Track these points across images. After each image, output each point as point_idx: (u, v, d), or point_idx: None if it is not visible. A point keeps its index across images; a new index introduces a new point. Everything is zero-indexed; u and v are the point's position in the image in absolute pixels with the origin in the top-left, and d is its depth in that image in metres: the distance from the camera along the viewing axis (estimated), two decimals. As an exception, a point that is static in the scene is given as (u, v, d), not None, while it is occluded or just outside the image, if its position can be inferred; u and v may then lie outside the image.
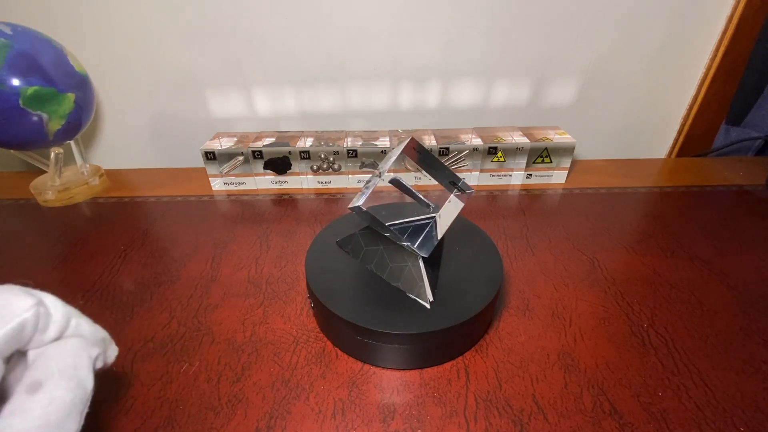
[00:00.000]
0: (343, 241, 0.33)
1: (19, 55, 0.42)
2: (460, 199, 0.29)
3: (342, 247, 0.33)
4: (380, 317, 0.27)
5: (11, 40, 0.42)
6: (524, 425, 0.25)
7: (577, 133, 0.59)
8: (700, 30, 0.57)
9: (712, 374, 0.28)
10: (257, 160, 0.51)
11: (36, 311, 0.18)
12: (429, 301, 0.28)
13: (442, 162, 0.29)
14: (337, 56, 0.57)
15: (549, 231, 0.44)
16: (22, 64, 0.43)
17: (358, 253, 0.32)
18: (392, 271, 0.30)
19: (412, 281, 0.29)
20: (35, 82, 0.43)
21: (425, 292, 0.29)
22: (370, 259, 0.31)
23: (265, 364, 0.29)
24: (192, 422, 0.25)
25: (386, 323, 0.27)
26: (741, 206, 0.48)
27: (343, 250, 0.33)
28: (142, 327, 0.32)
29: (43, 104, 0.44)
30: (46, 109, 0.45)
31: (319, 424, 0.25)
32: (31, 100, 0.43)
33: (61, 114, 0.46)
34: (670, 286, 0.36)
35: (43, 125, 0.45)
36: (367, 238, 0.31)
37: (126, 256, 0.41)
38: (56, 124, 0.46)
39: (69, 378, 0.17)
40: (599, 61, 0.59)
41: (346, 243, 0.33)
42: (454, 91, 0.61)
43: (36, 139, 0.46)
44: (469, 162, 0.52)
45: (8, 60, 0.42)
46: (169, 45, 0.56)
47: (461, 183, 0.29)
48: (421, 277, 0.29)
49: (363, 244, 0.32)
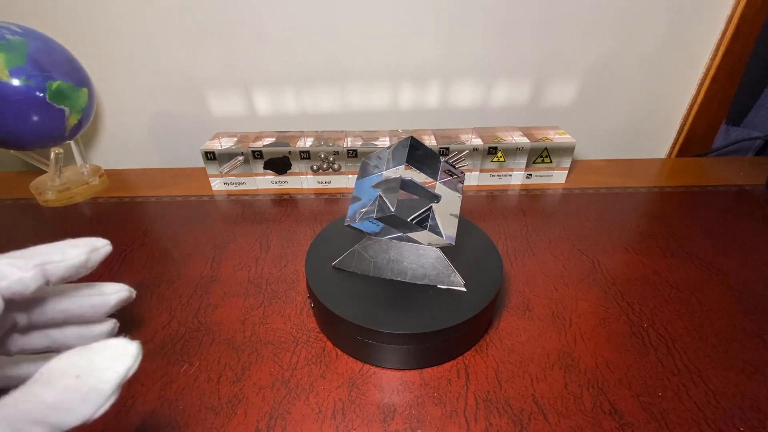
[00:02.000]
0: (342, 261, 0.31)
1: (37, 51, 0.43)
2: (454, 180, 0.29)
3: (343, 268, 0.31)
4: (380, 317, 0.27)
5: (25, 37, 0.43)
6: (524, 425, 0.25)
7: (577, 133, 0.59)
8: (700, 30, 0.57)
9: (712, 374, 0.28)
10: (257, 160, 0.51)
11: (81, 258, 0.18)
12: (462, 284, 0.29)
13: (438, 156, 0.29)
14: (337, 56, 0.57)
15: (549, 231, 0.44)
16: (42, 59, 0.43)
17: (367, 267, 0.31)
18: (415, 272, 0.30)
19: (439, 273, 0.30)
20: (56, 77, 0.44)
21: (457, 277, 0.29)
22: (384, 268, 0.30)
23: (265, 364, 0.29)
24: (192, 422, 0.25)
25: (386, 323, 0.27)
26: (741, 206, 0.48)
27: (347, 271, 0.31)
28: (142, 327, 0.32)
29: (65, 99, 0.45)
30: (67, 104, 0.46)
31: (319, 424, 0.25)
32: (55, 94, 0.44)
33: (78, 109, 0.47)
34: (670, 286, 0.36)
35: (64, 120, 0.46)
36: (372, 250, 0.30)
37: (126, 256, 0.41)
38: (74, 118, 0.47)
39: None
40: (599, 61, 0.59)
41: (347, 262, 0.31)
42: (454, 91, 0.61)
43: (55, 134, 0.46)
44: (469, 162, 0.52)
45: (29, 56, 0.42)
46: (169, 45, 0.56)
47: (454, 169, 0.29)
48: (447, 266, 0.29)
49: (369, 257, 0.31)
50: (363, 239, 0.30)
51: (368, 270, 0.31)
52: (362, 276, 0.31)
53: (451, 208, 0.28)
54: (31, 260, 0.18)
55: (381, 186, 0.27)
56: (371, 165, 0.29)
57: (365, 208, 0.27)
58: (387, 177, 0.27)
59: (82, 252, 0.20)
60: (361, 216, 0.27)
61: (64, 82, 0.45)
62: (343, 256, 0.31)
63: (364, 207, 0.27)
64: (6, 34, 0.41)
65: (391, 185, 0.26)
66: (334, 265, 0.32)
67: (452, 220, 0.28)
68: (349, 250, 0.31)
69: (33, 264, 0.18)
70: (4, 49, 0.41)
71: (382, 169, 0.28)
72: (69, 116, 0.46)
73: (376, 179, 0.28)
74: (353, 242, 0.31)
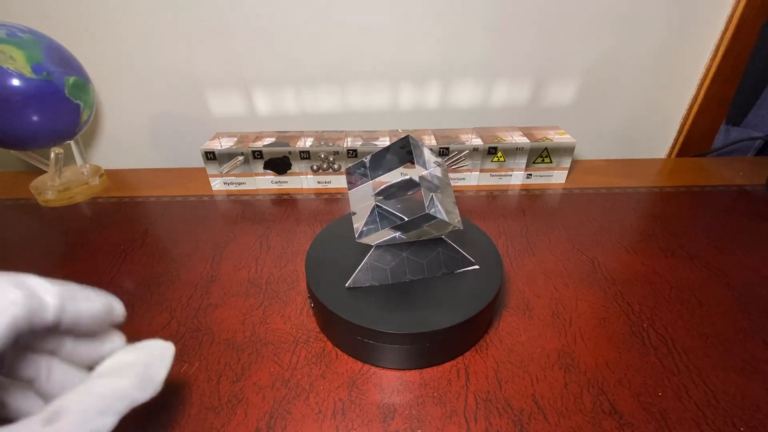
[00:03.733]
0: (356, 278, 0.30)
1: (49, 48, 0.44)
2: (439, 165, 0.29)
3: (359, 285, 0.30)
4: (380, 317, 0.27)
5: (34, 35, 0.43)
6: (524, 425, 0.25)
7: (577, 133, 0.59)
8: (700, 30, 0.57)
9: (712, 374, 0.28)
10: (257, 160, 0.51)
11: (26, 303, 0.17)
12: (474, 264, 0.30)
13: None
14: (337, 56, 0.57)
15: (549, 231, 0.44)
16: (56, 56, 0.44)
17: (384, 276, 0.30)
18: (429, 265, 0.31)
19: (451, 260, 0.31)
20: (71, 72, 0.45)
21: (468, 260, 0.31)
22: (401, 272, 0.30)
23: (265, 364, 0.29)
24: (192, 422, 0.25)
25: (386, 323, 0.27)
26: (741, 206, 0.48)
27: (346, 272, 0.30)
28: (142, 327, 0.32)
29: (80, 93, 0.46)
30: (82, 98, 0.47)
31: (319, 424, 0.25)
32: (73, 89, 0.45)
33: (89, 104, 0.48)
34: (670, 286, 0.36)
35: (79, 114, 0.47)
36: (384, 258, 0.30)
37: (126, 256, 0.41)
38: (86, 113, 0.48)
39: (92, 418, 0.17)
40: (599, 61, 0.59)
41: (362, 279, 0.30)
42: (454, 91, 0.61)
43: (69, 129, 0.47)
44: (469, 162, 0.52)
45: (44, 52, 0.42)
46: (169, 45, 0.56)
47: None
48: (457, 251, 0.31)
49: (383, 266, 0.30)
50: (371, 250, 0.30)
51: (386, 279, 0.30)
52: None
53: (448, 195, 0.29)
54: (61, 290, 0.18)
55: (375, 196, 0.27)
56: (358, 174, 0.29)
57: (367, 223, 0.27)
58: (376, 185, 0.27)
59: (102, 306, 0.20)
60: (368, 231, 0.27)
61: (78, 77, 0.46)
62: (354, 274, 0.29)
63: (365, 221, 0.28)
64: (17, 32, 0.42)
65: (386, 192, 0.27)
66: (348, 286, 0.30)
67: (453, 206, 0.29)
68: (359, 267, 0.29)
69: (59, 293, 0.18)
70: (21, 46, 0.41)
71: (368, 179, 0.28)
72: (83, 111, 0.47)
73: (366, 189, 0.28)
74: (353, 243, 0.31)
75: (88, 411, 0.17)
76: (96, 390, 0.18)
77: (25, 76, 0.41)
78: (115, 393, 0.18)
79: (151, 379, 0.20)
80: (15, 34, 0.41)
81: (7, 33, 0.41)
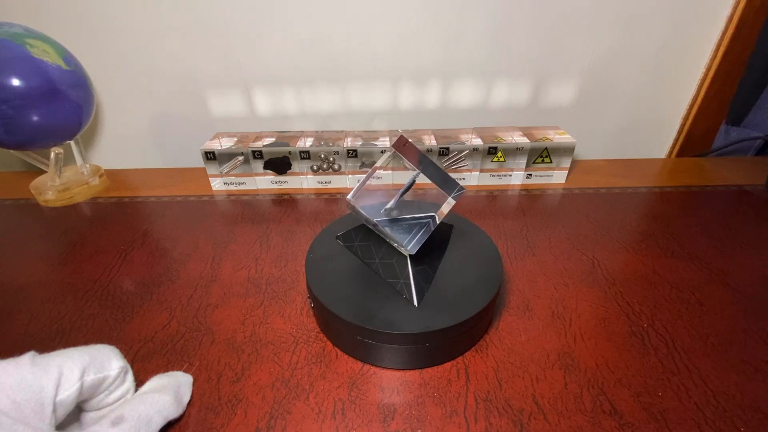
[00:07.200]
0: (343, 236, 0.34)
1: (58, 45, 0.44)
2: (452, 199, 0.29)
3: (343, 242, 0.34)
4: (380, 317, 0.27)
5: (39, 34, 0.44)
6: (524, 425, 0.25)
7: (577, 133, 0.59)
8: (700, 30, 0.57)
9: (712, 374, 0.28)
10: (257, 160, 0.51)
11: (119, 372, 0.23)
12: (414, 300, 0.28)
13: (432, 160, 0.29)
14: (337, 56, 0.57)
15: (549, 231, 0.44)
16: (66, 53, 0.44)
17: (352, 245, 0.33)
18: (381, 266, 0.31)
19: (396, 277, 0.29)
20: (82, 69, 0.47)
21: (411, 290, 0.28)
22: (366, 253, 0.32)
23: (265, 364, 0.29)
24: (192, 422, 0.25)
25: (386, 323, 0.27)
26: (741, 206, 0.48)
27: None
28: (142, 327, 0.32)
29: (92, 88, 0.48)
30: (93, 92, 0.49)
31: (319, 424, 0.25)
32: (90, 83, 0.47)
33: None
34: (670, 286, 0.36)
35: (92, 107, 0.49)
36: (362, 233, 0.32)
37: (126, 256, 0.41)
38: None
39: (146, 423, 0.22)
40: (599, 61, 0.59)
41: (348, 238, 0.34)
42: (454, 91, 0.61)
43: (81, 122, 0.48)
44: (469, 162, 0.52)
45: (58, 48, 0.43)
46: (169, 45, 0.56)
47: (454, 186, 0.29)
48: (408, 275, 0.29)
49: (357, 238, 0.33)
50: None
51: (353, 249, 0.33)
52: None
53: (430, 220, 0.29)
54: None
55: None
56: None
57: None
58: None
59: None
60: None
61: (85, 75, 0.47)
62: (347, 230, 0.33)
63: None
64: (30, 30, 0.42)
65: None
66: (337, 236, 0.34)
67: (424, 235, 0.28)
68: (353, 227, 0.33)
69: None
70: (45, 40, 0.41)
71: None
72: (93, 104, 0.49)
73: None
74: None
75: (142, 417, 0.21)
76: (148, 401, 0.23)
77: (62, 68, 0.41)
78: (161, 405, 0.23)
79: (180, 399, 0.25)
80: (32, 31, 0.42)
81: (26, 30, 0.41)
